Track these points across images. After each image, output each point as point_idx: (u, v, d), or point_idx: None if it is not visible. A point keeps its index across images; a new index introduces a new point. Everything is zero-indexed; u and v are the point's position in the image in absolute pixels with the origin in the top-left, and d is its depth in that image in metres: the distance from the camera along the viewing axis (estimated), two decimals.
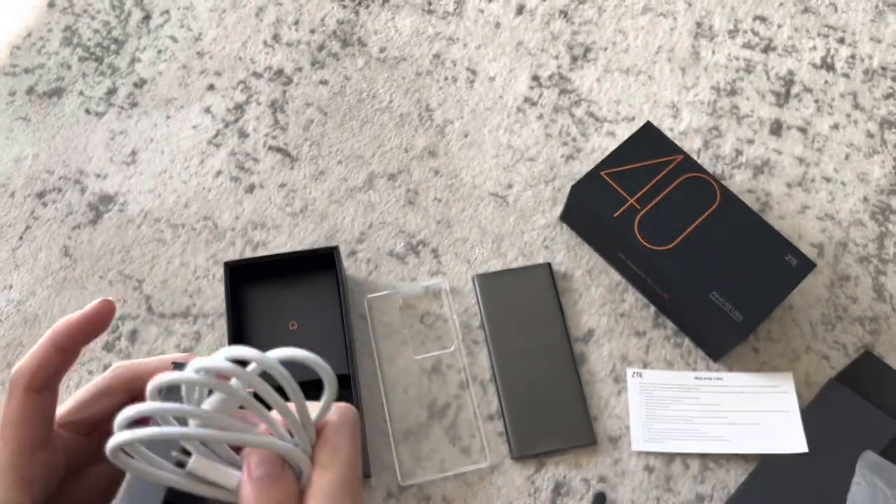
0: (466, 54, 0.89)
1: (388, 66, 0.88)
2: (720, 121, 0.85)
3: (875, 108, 0.87)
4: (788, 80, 0.88)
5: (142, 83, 0.86)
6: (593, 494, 0.68)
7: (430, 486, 0.68)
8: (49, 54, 0.88)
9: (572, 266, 0.78)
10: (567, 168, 0.82)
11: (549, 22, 0.91)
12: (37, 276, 0.76)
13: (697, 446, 0.70)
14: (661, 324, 0.75)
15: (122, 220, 0.79)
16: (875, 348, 0.75)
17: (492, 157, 0.83)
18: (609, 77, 0.88)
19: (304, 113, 0.85)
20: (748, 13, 0.92)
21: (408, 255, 0.78)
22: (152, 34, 0.89)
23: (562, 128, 0.85)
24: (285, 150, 0.83)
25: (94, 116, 0.84)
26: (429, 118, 0.85)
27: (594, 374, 0.73)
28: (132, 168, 0.82)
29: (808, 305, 0.76)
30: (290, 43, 0.89)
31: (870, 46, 0.90)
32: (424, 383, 0.72)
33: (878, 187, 0.82)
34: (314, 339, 0.69)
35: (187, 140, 0.83)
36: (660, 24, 0.91)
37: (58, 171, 0.81)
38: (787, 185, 0.82)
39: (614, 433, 0.70)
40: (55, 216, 0.79)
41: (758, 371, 0.73)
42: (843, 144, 0.85)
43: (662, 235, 0.71)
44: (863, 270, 0.78)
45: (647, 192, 0.73)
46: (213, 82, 0.86)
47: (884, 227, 0.80)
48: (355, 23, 0.90)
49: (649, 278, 0.73)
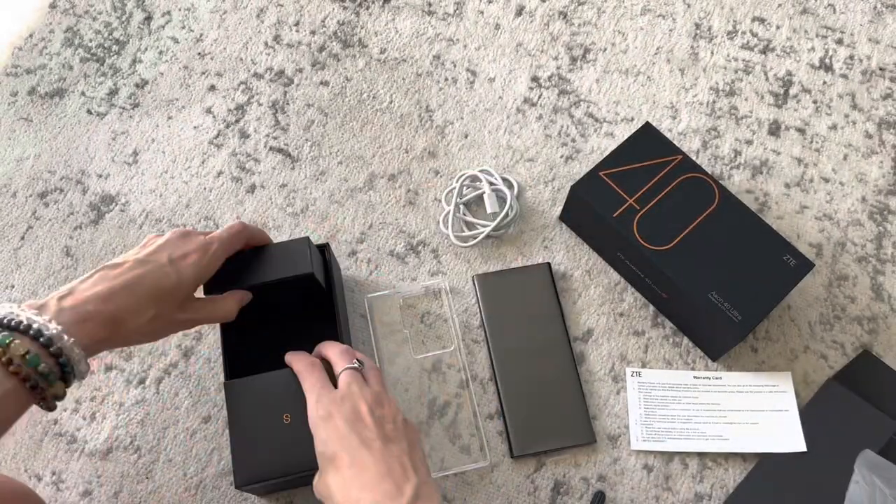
0: (466, 55, 0.89)
1: (388, 67, 0.88)
2: (719, 121, 0.86)
3: (873, 108, 0.87)
4: (787, 80, 0.88)
5: (143, 84, 0.87)
6: (592, 493, 0.68)
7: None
8: (51, 55, 0.88)
9: (572, 266, 0.78)
10: (566, 168, 0.83)
11: (549, 23, 0.91)
12: (38, 276, 0.77)
13: (696, 445, 0.70)
14: (660, 323, 0.75)
15: (123, 220, 0.79)
16: (873, 348, 0.75)
17: (491, 157, 0.83)
18: (608, 78, 0.88)
19: (305, 114, 0.85)
20: (747, 14, 0.92)
21: (408, 255, 0.78)
22: (154, 35, 0.89)
23: (561, 128, 0.85)
24: (286, 151, 0.83)
25: (95, 117, 0.85)
26: (429, 119, 0.85)
27: (593, 373, 0.73)
28: (134, 168, 0.82)
29: (807, 305, 0.77)
30: (291, 44, 0.89)
31: (868, 47, 0.90)
32: (424, 382, 0.72)
33: (877, 187, 0.83)
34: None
35: (188, 140, 0.83)
36: (659, 25, 0.91)
37: (59, 172, 0.82)
38: (786, 185, 0.83)
39: (613, 432, 0.71)
40: (57, 216, 0.79)
41: (756, 370, 0.74)
42: (842, 145, 0.85)
43: (661, 235, 0.71)
44: (861, 270, 0.79)
45: (646, 192, 0.73)
46: (215, 83, 0.87)
47: (882, 227, 0.81)
48: (356, 24, 0.90)
49: (648, 278, 0.73)
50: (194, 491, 0.68)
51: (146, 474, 0.68)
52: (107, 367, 0.72)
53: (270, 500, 0.68)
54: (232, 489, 0.68)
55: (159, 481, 0.68)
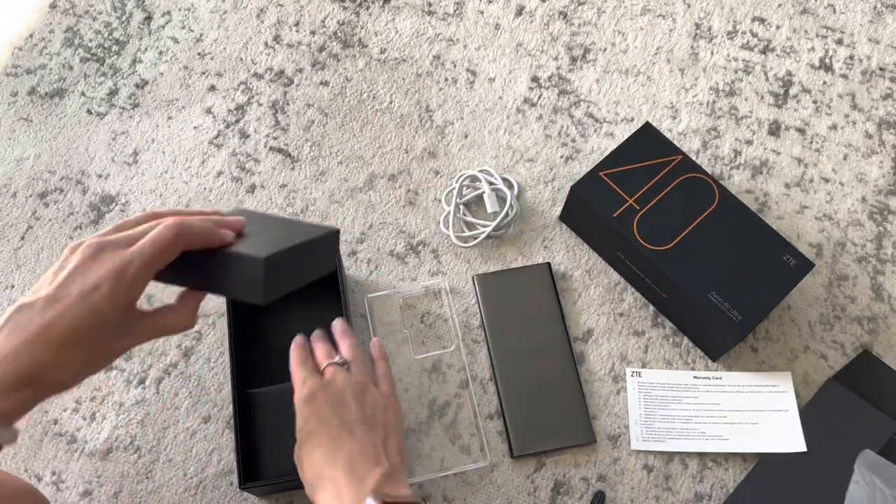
0: (466, 55, 0.89)
1: (388, 67, 0.88)
2: (719, 121, 0.86)
3: (873, 108, 0.87)
4: (787, 80, 0.88)
5: (143, 84, 0.87)
6: (592, 493, 0.68)
7: (430, 485, 0.68)
8: (51, 55, 0.88)
9: (571, 266, 0.78)
10: (566, 169, 0.83)
11: (549, 23, 0.91)
12: (38, 276, 0.76)
13: (696, 445, 0.70)
14: (660, 323, 0.75)
15: None
16: (873, 348, 0.75)
17: (491, 157, 0.83)
18: (608, 78, 0.88)
19: (305, 114, 0.85)
20: (747, 14, 0.92)
21: (408, 255, 0.78)
22: (154, 35, 0.89)
23: (561, 128, 0.85)
24: (286, 151, 0.83)
25: (95, 117, 0.85)
26: (429, 119, 0.85)
27: (593, 373, 0.73)
28: (134, 168, 0.82)
29: (807, 305, 0.77)
30: (291, 44, 0.89)
31: (868, 47, 0.90)
32: (424, 382, 0.72)
33: (877, 187, 0.83)
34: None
35: (188, 141, 0.83)
36: (659, 25, 0.91)
37: (59, 172, 0.82)
38: (786, 185, 0.83)
39: (613, 432, 0.71)
40: (57, 216, 0.79)
41: (756, 370, 0.74)
42: (842, 145, 0.85)
43: (661, 235, 0.71)
44: (861, 270, 0.79)
45: (646, 192, 0.73)
46: (215, 83, 0.87)
47: (882, 227, 0.81)
48: (356, 24, 0.90)
49: (648, 278, 0.73)
50: (194, 491, 0.68)
51: (146, 474, 0.68)
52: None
53: (270, 501, 0.68)
54: (232, 489, 0.68)
55: (159, 481, 0.68)
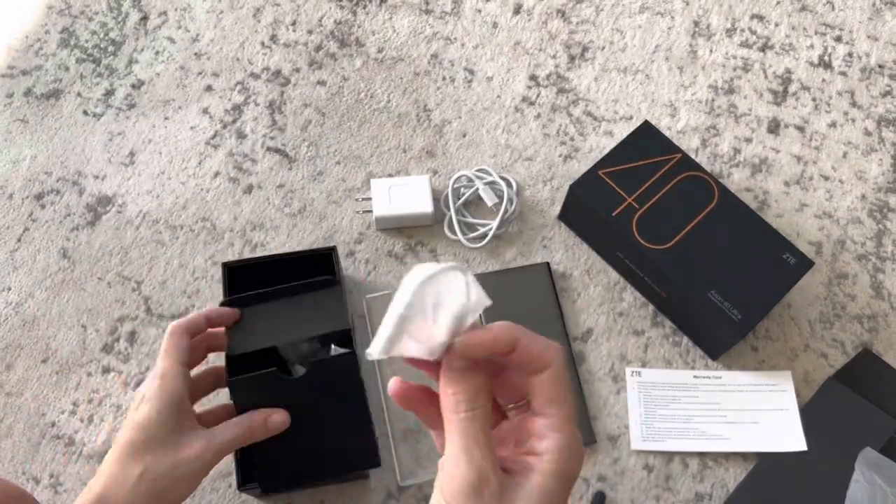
0: (464, 54, 0.89)
1: (385, 66, 0.88)
2: (718, 119, 0.85)
3: (872, 105, 0.87)
4: (786, 78, 0.88)
5: (139, 84, 0.86)
6: (593, 493, 0.68)
7: (429, 487, 0.68)
8: (47, 56, 0.88)
9: (571, 265, 0.78)
10: (565, 167, 0.83)
11: (547, 21, 0.91)
12: (35, 278, 0.76)
13: (696, 445, 0.70)
14: (660, 323, 0.75)
15: (120, 222, 0.79)
16: (873, 346, 0.75)
17: (490, 156, 0.83)
18: (607, 76, 0.88)
19: (302, 113, 0.85)
20: (745, 12, 0.92)
21: (407, 255, 0.78)
22: (150, 35, 0.89)
23: (560, 127, 0.85)
24: (283, 151, 0.83)
25: (92, 118, 0.84)
26: (427, 118, 0.85)
27: (593, 373, 0.73)
28: (130, 169, 0.82)
29: (807, 304, 0.76)
30: (288, 44, 0.89)
31: (867, 44, 0.90)
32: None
33: (876, 185, 0.82)
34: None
35: (185, 141, 0.83)
36: (657, 23, 0.91)
37: (56, 173, 0.81)
38: (785, 183, 0.82)
39: (613, 432, 0.71)
40: (53, 218, 0.79)
41: (756, 369, 0.73)
42: (841, 142, 0.85)
43: (661, 234, 0.71)
44: (861, 268, 0.78)
45: (646, 191, 0.73)
46: (211, 83, 0.86)
47: (882, 224, 0.80)
48: (353, 23, 0.90)
49: (648, 277, 0.73)
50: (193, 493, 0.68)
51: None
52: (104, 369, 0.72)
53: (270, 501, 0.67)
54: (231, 490, 0.67)
55: None
